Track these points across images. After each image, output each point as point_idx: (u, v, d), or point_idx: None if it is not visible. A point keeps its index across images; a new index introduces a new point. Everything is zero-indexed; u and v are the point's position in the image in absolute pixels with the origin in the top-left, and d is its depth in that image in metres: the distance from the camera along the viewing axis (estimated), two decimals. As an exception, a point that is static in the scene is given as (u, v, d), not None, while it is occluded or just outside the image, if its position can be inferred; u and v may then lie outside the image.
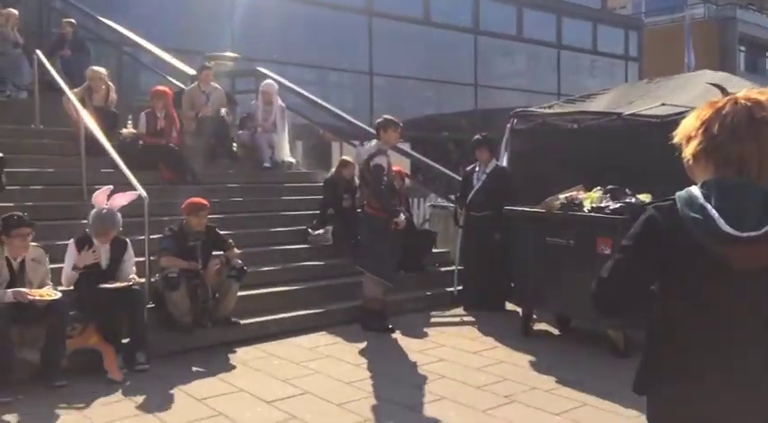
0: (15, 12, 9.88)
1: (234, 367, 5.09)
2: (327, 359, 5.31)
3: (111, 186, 5.41)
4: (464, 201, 7.02)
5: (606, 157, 6.11)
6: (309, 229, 7.38)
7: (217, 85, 8.89)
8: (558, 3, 20.34)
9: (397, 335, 6.02)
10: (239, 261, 5.65)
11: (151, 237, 5.59)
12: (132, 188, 5.73)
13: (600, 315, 1.88)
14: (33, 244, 4.84)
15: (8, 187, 6.37)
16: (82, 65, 8.90)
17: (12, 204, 6.05)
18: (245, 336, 5.66)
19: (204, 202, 5.64)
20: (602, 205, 5.31)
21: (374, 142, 6.30)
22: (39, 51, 8.04)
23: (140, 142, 7.58)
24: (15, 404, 4.24)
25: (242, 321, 5.68)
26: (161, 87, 8.13)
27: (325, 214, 7.50)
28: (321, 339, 5.84)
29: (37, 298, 4.58)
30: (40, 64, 7.91)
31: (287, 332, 5.88)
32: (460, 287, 7.23)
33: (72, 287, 5.10)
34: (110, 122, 7.69)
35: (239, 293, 5.69)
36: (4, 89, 9.05)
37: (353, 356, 5.40)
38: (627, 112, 6.39)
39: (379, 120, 6.31)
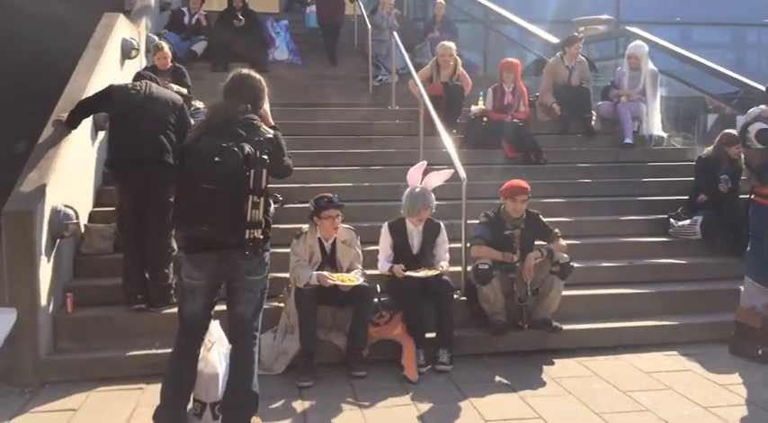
0: (391, -1, 10.39)
1: (543, 384, 4.24)
2: (666, 393, 4.06)
3: (425, 163, 5.06)
4: None
5: None
6: (672, 220, 6.00)
7: (582, 58, 7.91)
8: None
9: (781, 370, 4.40)
10: (564, 255, 4.74)
11: (469, 222, 5.07)
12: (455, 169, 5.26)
13: None
14: (345, 226, 4.73)
15: (358, 167, 6.56)
16: (448, 45, 8.83)
17: (350, 184, 6.21)
18: (567, 345, 4.75)
19: (524, 185, 4.85)
20: None
21: (761, 108, 4.71)
22: (395, 34, 8.16)
23: (484, 119, 7.14)
24: (310, 389, 4.16)
25: (565, 326, 4.75)
26: (510, 59, 7.54)
27: (696, 201, 6.04)
28: (666, 362, 4.56)
29: (338, 282, 4.43)
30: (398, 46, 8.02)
31: (621, 347, 4.77)
32: None
33: (387, 272, 4.91)
34: (456, 98, 7.44)
35: (564, 293, 4.79)
36: (377, 74, 9.55)
37: (706, 394, 4.04)
38: None
39: None
